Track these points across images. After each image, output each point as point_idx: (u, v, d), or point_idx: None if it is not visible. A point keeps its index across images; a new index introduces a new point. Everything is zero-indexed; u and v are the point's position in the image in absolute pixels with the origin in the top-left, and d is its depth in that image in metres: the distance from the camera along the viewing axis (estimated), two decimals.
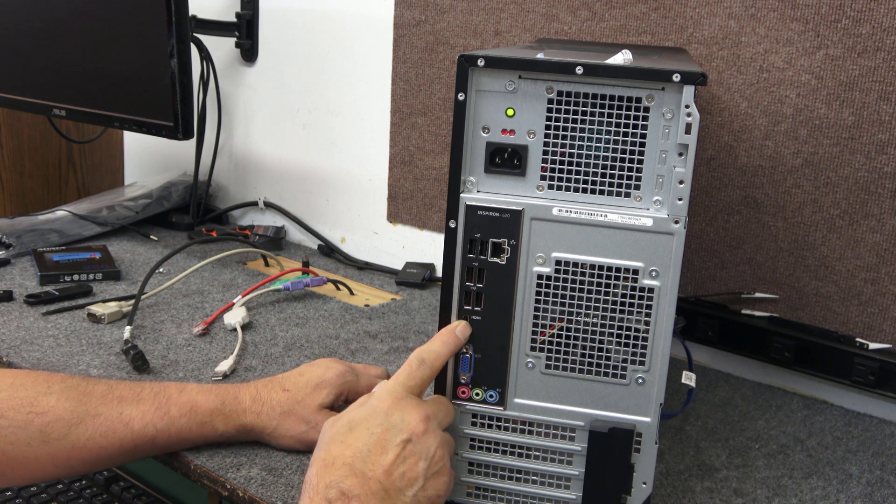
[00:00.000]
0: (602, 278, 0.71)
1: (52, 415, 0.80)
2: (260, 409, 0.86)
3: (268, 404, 0.87)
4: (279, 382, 0.89)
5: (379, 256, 1.57)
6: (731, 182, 1.15)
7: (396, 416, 0.70)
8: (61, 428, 0.80)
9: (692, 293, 1.20)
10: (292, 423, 0.86)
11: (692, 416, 1.04)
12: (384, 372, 0.95)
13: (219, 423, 0.85)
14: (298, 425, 0.86)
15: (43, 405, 0.81)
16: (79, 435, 0.81)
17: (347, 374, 0.90)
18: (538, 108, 0.70)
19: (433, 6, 1.40)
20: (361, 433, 0.69)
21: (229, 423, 0.86)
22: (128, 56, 1.43)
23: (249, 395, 0.88)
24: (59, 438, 0.80)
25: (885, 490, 0.90)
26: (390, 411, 0.70)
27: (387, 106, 1.50)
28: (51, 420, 0.80)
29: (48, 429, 0.80)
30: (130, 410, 0.83)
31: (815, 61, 1.07)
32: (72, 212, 1.57)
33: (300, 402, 0.87)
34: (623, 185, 0.71)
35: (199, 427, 0.85)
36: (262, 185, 1.73)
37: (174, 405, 0.85)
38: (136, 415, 0.83)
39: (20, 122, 1.76)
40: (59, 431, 0.80)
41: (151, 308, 1.23)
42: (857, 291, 1.08)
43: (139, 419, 0.83)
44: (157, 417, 0.83)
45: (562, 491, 0.76)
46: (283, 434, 0.86)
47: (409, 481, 0.68)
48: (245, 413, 0.86)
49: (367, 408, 0.71)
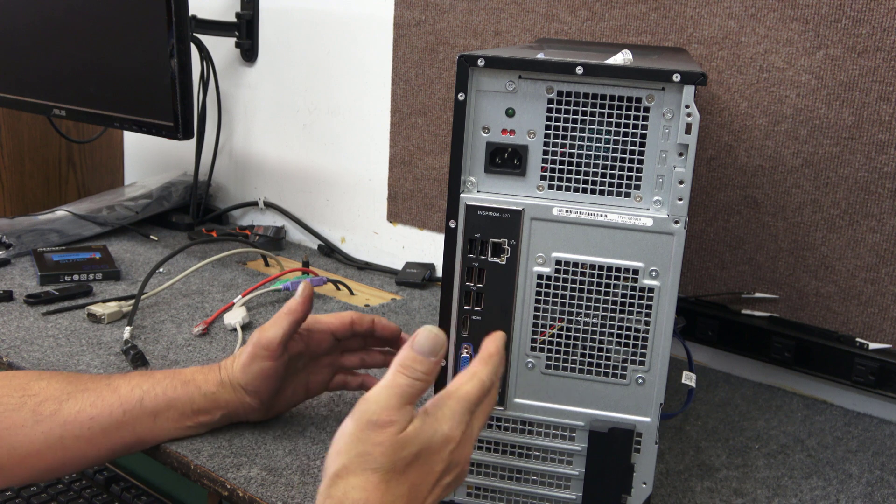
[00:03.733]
0: (602, 278, 0.71)
1: (43, 395, 0.83)
2: (232, 362, 0.90)
3: (237, 357, 0.90)
4: None
5: (379, 256, 1.57)
6: (731, 182, 1.15)
7: (458, 454, 0.65)
8: (52, 405, 0.83)
9: (692, 293, 1.20)
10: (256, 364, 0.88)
11: (692, 416, 1.04)
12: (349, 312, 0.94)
13: (199, 380, 0.88)
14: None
15: (35, 388, 0.84)
16: (70, 408, 0.83)
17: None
18: (538, 108, 0.70)
19: (433, 6, 1.40)
20: (424, 468, 0.63)
21: (208, 378, 0.89)
22: (128, 56, 1.43)
23: (230, 359, 0.91)
24: (51, 415, 0.82)
25: (885, 490, 0.90)
26: (455, 447, 0.64)
27: (387, 106, 1.50)
28: (42, 399, 0.83)
29: (40, 408, 0.82)
30: (118, 381, 0.87)
31: (815, 61, 1.07)
32: (72, 212, 1.57)
33: (259, 343, 0.88)
34: (623, 185, 0.71)
35: (183, 386, 0.87)
36: (262, 185, 1.73)
37: (158, 371, 0.89)
38: (122, 382, 0.86)
39: (20, 122, 1.76)
40: (50, 408, 0.83)
41: (151, 308, 1.23)
42: (857, 291, 1.08)
43: (126, 384, 0.86)
44: (142, 380, 0.87)
45: (562, 491, 0.76)
46: (245, 365, 0.88)
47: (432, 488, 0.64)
48: (220, 368, 0.90)
49: (439, 438, 0.64)
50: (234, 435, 0.89)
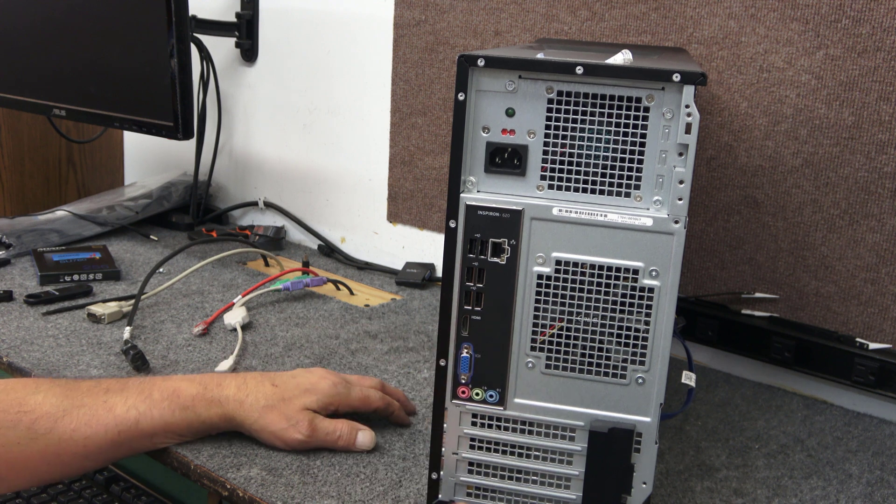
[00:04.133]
0: (602, 278, 0.71)
1: (38, 411, 0.81)
2: (244, 398, 0.87)
3: (253, 395, 0.87)
4: (269, 378, 0.89)
5: (379, 256, 1.57)
6: (731, 182, 1.15)
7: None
8: (47, 423, 0.81)
9: (692, 293, 1.20)
10: (274, 417, 0.86)
11: (692, 416, 1.04)
12: (379, 382, 0.95)
13: (201, 409, 0.85)
14: (279, 421, 0.86)
15: (30, 404, 0.81)
16: (65, 427, 0.81)
17: (339, 386, 0.90)
18: (538, 108, 0.70)
19: (433, 6, 1.40)
20: None
21: (211, 410, 0.86)
22: (128, 56, 1.43)
23: (235, 383, 0.88)
24: (46, 433, 0.81)
25: (885, 490, 0.90)
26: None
27: (387, 106, 1.50)
28: (38, 417, 0.81)
29: (35, 425, 0.80)
30: (114, 398, 0.84)
31: (815, 61, 1.07)
32: (72, 212, 1.57)
33: (286, 399, 0.87)
34: (623, 185, 0.71)
35: (181, 412, 0.85)
36: (262, 185, 1.73)
37: (157, 390, 0.85)
38: (119, 401, 0.84)
39: (20, 122, 1.76)
40: (45, 426, 0.81)
41: (151, 308, 1.23)
42: (857, 291, 1.08)
43: (122, 404, 0.83)
44: (139, 401, 0.84)
45: (562, 491, 0.76)
46: (263, 428, 0.86)
47: None
48: (228, 401, 0.86)
49: None
50: (235, 435, 0.89)
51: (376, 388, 0.93)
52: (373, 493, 0.81)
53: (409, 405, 0.97)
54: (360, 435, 0.88)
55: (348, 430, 0.88)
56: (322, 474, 0.84)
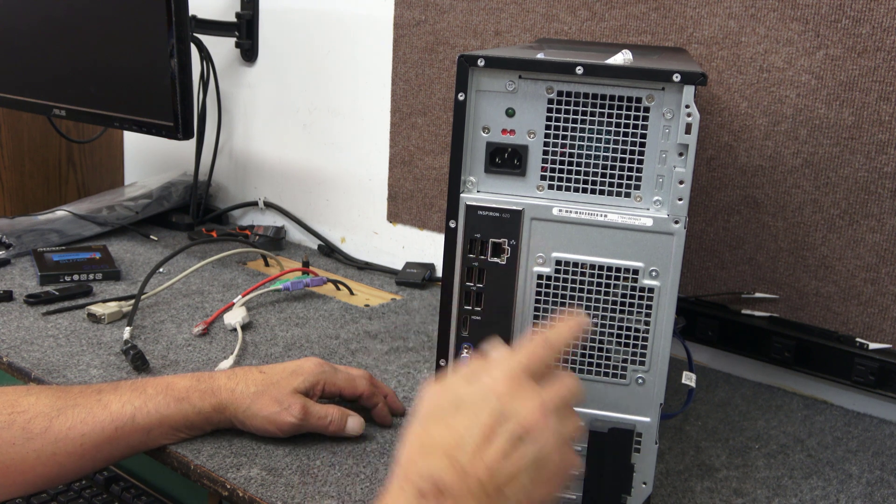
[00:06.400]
0: (602, 278, 0.71)
1: (32, 412, 0.82)
2: (234, 385, 0.88)
3: (243, 382, 0.88)
4: (257, 367, 0.92)
5: (379, 256, 1.57)
6: (731, 182, 1.15)
7: (510, 405, 0.60)
8: (43, 422, 0.81)
9: (692, 293, 1.20)
10: (265, 402, 0.87)
11: (692, 416, 1.04)
12: (367, 373, 0.96)
13: (196, 399, 0.87)
14: (271, 405, 0.87)
15: (24, 405, 0.82)
16: (60, 425, 0.82)
17: (325, 366, 0.92)
18: (538, 108, 0.70)
19: (433, 6, 1.40)
20: (468, 418, 0.60)
21: (205, 400, 0.87)
22: (128, 56, 1.43)
23: (225, 374, 0.90)
24: (42, 433, 0.81)
25: (885, 490, 0.90)
26: (504, 397, 0.60)
27: (387, 106, 1.50)
28: (32, 416, 0.82)
29: (30, 425, 0.81)
30: (108, 397, 0.85)
31: (815, 61, 1.07)
32: (72, 212, 1.57)
33: (275, 383, 0.89)
34: (623, 185, 0.71)
35: (176, 403, 0.86)
36: (262, 185, 1.73)
37: (150, 386, 0.87)
38: (113, 398, 0.85)
39: (20, 122, 1.76)
40: (41, 426, 0.81)
41: (151, 308, 1.23)
42: (857, 291, 1.08)
43: (117, 401, 0.85)
44: (133, 397, 0.85)
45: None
46: (256, 413, 0.87)
47: (513, 482, 0.59)
48: (220, 390, 0.88)
49: (479, 387, 0.61)
50: (234, 435, 0.89)
51: (364, 377, 0.94)
52: (373, 494, 0.81)
53: (396, 404, 0.97)
54: (351, 420, 0.90)
55: (339, 415, 0.90)
56: (322, 474, 0.84)
